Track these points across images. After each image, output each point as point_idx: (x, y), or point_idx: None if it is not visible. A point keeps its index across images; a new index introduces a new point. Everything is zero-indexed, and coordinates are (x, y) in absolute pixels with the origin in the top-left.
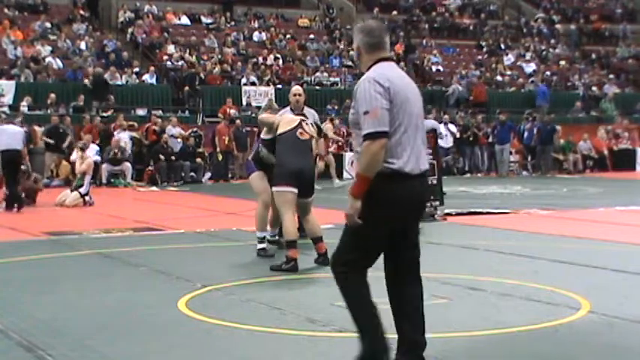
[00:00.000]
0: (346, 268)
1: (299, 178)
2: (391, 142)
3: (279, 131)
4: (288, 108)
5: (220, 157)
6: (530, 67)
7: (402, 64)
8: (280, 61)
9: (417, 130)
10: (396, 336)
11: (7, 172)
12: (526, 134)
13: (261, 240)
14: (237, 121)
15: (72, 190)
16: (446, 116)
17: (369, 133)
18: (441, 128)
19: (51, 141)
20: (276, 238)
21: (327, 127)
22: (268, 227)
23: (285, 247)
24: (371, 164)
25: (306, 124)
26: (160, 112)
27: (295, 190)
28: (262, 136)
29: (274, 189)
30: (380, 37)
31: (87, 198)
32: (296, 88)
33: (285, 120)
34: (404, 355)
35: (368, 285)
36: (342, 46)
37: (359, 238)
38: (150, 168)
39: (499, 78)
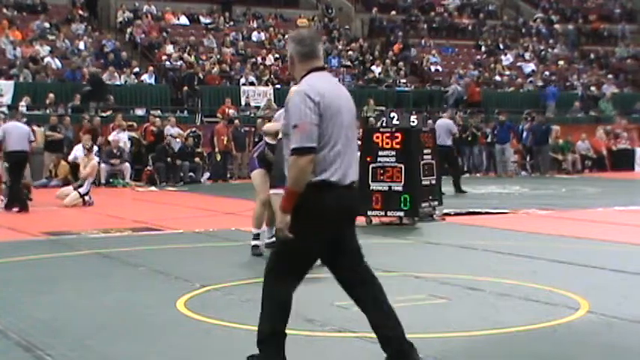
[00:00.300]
0: (273, 275)
1: None
2: (321, 154)
3: (279, 136)
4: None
5: (219, 157)
6: (529, 67)
7: (402, 63)
8: (279, 61)
9: (348, 141)
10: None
11: (12, 173)
12: (525, 134)
13: (256, 237)
14: (236, 121)
15: (75, 188)
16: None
17: (296, 148)
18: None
19: (57, 135)
20: (273, 239)
21: None
22: (264, 226)
23: None
24: (299, 179)
25: None
26: (159, 112)
27: None
28: (268, 141)
29: (272, 191)
30: (312, 45)
31: (87, 198)
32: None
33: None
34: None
35: (288, 295)
36: (340, 47)
37: (290, 249)
38: (149, 168)
39: (498, 78)
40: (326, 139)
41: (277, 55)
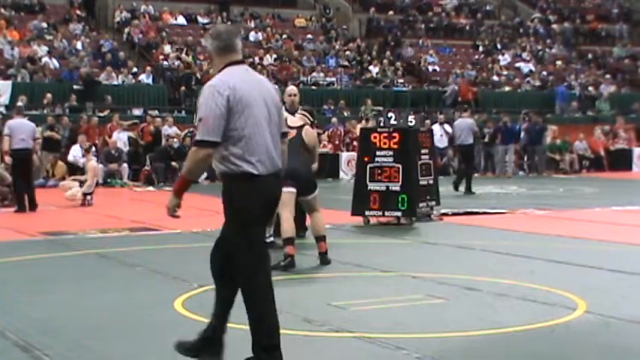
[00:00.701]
0: (247, 270)
1: (296, 178)
2: (238, 145)
3: None
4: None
5: None
6: (527, 68)
7: (399, 63)
8: (277, 61)
9: (266, 132)
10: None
11: (16, 172)
12: (522, 134)
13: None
14: None
15: (80, 183)
16: (441, 116)
17: (198, 141)
18: (436, 128)
19: (55, 135)
20: (271, 239)
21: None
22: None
23: (283, 244)
24: (194, 169)
25: (294, 115)
26: (156, 112)
27: (292, 190)
28: None
29: None
30: (228, 40)
31: (88, 197)
32: (291, 89)
33: None
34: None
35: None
36: (338, 46)
37: (234, 242)
38: (146, 168)
39: (495, 78)
40: (240, 130)
41: (275, 55)
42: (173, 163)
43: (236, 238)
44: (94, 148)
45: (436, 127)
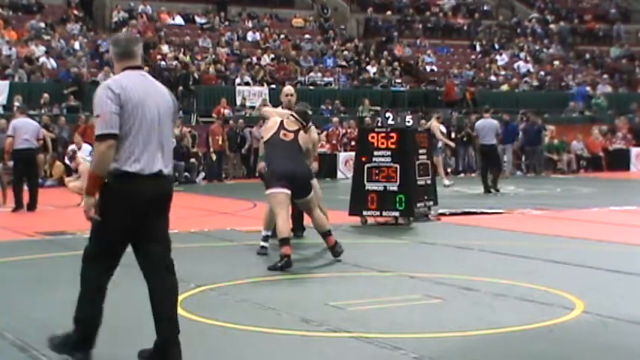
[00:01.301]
0: (85, 258)
1: (291, 179)
2: (123, 145)
3: (265, 138)
4: (279, 108)
5: (214, 157)
6: (525, 68)
7: (397, 63)
8: (274, 61)
9: (154, 134)
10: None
11: (19, 172)
12: (520, 134)
13: (264, 238)
14: (231, 122)
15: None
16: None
17: (98, 135)
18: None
19: (52, 135)
20: (266, 243)
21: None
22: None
23: (279, 244)
24: (99, 163)
25: (288, 118)
26: None
27: (287, 191)
28: (263, 137)
29: (267, 191)
30: (126, 47)
31: None
32: (288, 89)
33: (271, 122)
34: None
35: (101, 278)
36: (336, 46)
37: (98, 232)
38: None
39: (493, 78)
40: (126, 130)
41: (273, 55)
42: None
43: (102, 228)
44: (90, 148)
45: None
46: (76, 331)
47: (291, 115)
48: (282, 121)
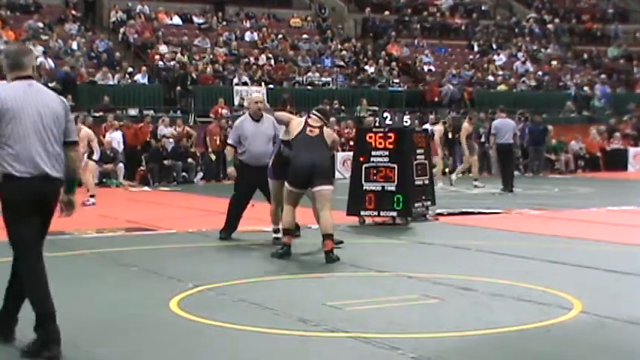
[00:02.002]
0: (14, 252)
1: (310, 170)
2: (5, 150)
3: (293, 135)
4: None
5: (213, 157)
6: (523, 68)
7: (395, 63)
8: (272, 61)
9: (33, 141)
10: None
11: None
12: (519, 134)
13: (275, 230)
14: (229, 122)
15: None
16: (431, 116)
17: None
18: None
19: None
20: (279, 235)
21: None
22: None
23: (282, 234)
24: None
25: (310, 117)
26: (152, 112)
27: (300, 191)
28: (282, 137)
29: (285, 184)
30: (15, 59)
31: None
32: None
33: (295, 123)
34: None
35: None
36: (333, 46)
37: (9, 234)
38: (142, 168)
39: (491, 78)
40: (6, 138)
41: (270, 55)
42: (166, 162)
43: (9, 231)
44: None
45: (428, 128)
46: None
47: (314, 113)
48: (307, 120)
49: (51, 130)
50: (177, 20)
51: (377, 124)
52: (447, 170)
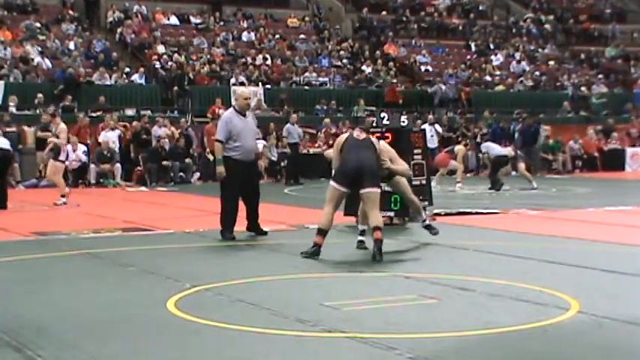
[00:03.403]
0: None
1: (357, 172)
2: None
3: (341, 145)
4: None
5: (211, 157)
6: (521, 68)
7: (392, 63)
8: (269, 61)
9: None
10: None
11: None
12: (517, 135)
13: (360, 233)
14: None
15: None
16: (430, 116)
17: None
18: (427, 128)
19: (49, 134)
20: (362, 238)
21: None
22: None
23: (316, 232)
24: None
25: (354, 130)
26: (149, 112)
27: (344, 190)
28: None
29: (331, 182)
30: None
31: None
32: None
33: (341, 138)
34: None
35: None
36: (330, 47)
37: None
38: (139, 168)
39: (488, 78)
40: None
41: (267, 56)
42: (164, 163)
43: None
44: (85, 148)
45: (427, 128)
46: None
47: (358, 128)
48: (351, 132)
49: None
50: (174, 20)
51: (374, 124)
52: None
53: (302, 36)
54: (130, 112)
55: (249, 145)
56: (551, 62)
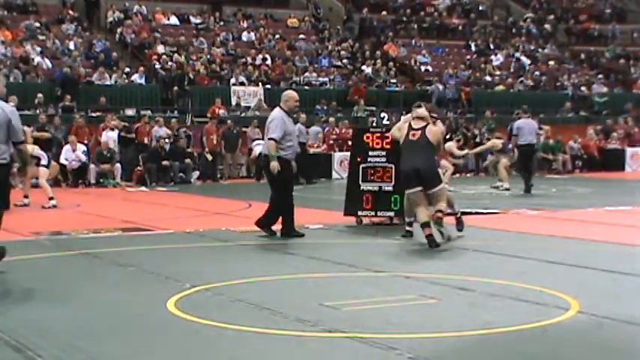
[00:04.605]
0: None
1: (416, 175)
2: None
3: (401, 140)
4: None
5: (210, 157)
6: (520, 66)
7: (392, 63)
8: (269, 61)
9: None
10: None
11: None
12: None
13: (408, 224)
14: (229, 121)
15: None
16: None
17: None
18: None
19: (46, 134)
20: (410, 228)
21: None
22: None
23: (421, 227)
24: None
25: (413, 119)
26: (149, 112)
27: (418, 188)
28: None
29: (406, 192)
30: None
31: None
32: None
33: (399, 126)
34: None
35: None
36: (330, 47)
37: None
38: (139, 168)
39: (488, 78)
40: None
41: (267, 56)
42: (164, 163)
43: None
44: (85, 148)
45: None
46: None
47: (416, 114)
48: (410, 123)
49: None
50: (174, 20)
51: (374, 125)
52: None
53: (302, 36)
54: (130, 112)
55: (296, 145)
56: (551, 62)
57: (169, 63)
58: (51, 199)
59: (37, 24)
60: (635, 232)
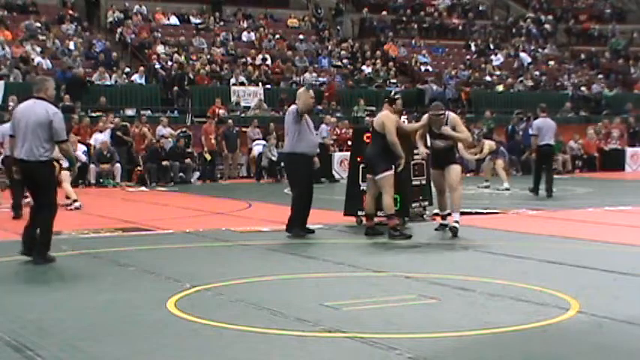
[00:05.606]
0: None
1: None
2: (15, 140)
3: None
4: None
5: (209, 157)
6: (527, 60)
7: (392, 63)
8: (269, 61)
9: (27, 135)
10: None
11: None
12: (521, 134)
13: (443, 217)
14: (230, 121)
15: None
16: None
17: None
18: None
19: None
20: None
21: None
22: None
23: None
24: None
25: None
26: (149, 112)
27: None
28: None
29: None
30: (32, 85)
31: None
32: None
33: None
34: None
35: None
36: (330, 47)
37: None
38: (139, 168)
39: (488, 78)
40: (15, 133)
41: (267, 56)
42: (164, 163)
43: None
44: (85, 148)
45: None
46: None
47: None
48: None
49: (34, 130)
50: (174, 20)
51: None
52: None
53: (302, 36)
54: (130, 112)
55: (314, 139)
56: (551, 62)
57: (169, 63)
58: (75, 200)
59: (37, 24)
60: (635, 232)
